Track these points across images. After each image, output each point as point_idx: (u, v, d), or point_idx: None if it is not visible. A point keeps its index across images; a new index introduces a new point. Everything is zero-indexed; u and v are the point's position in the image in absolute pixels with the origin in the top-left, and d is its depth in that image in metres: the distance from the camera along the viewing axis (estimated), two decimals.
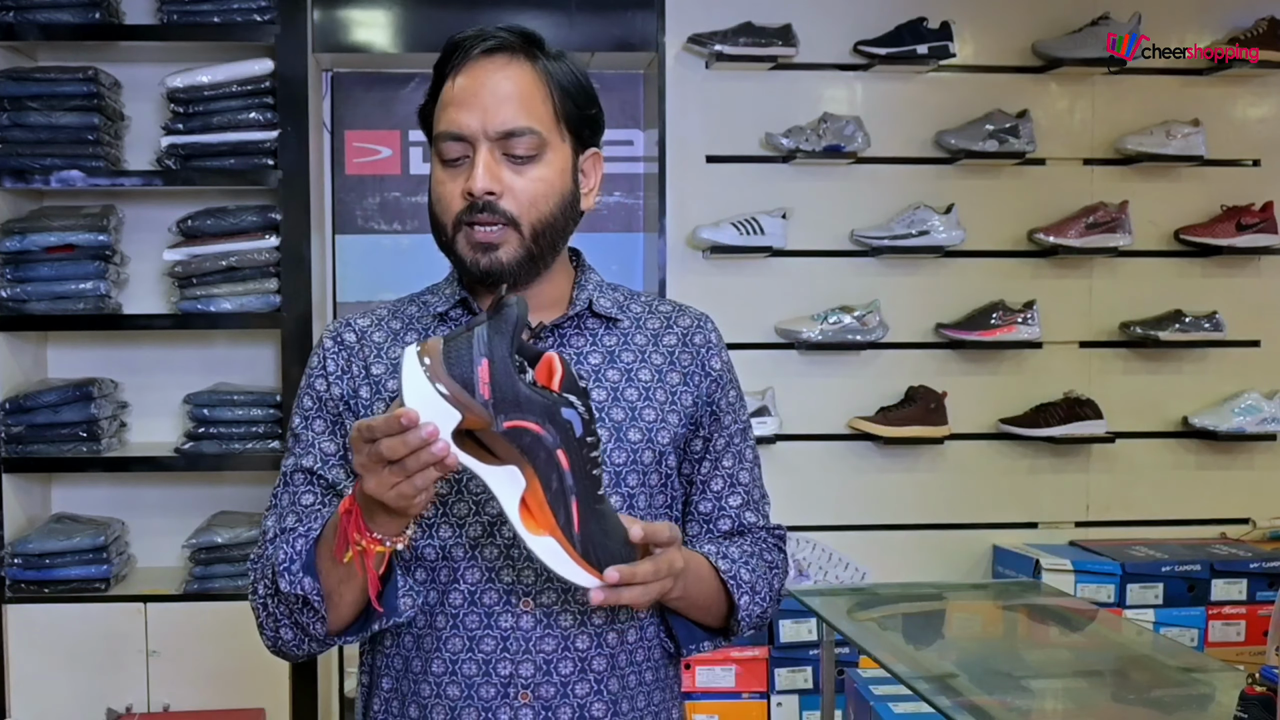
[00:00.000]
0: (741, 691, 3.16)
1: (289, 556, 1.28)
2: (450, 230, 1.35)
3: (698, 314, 1.48)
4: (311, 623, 1.29)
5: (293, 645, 1.34)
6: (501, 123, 1.32)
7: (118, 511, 3.30)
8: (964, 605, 2.95)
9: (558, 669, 1.32)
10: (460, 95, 1.33)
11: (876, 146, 3.38)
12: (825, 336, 3.37)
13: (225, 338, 3.35)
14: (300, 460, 1.38)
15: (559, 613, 1.33)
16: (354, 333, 1.42)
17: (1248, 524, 3.54)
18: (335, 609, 1.29)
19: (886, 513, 3.48)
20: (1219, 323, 3.46)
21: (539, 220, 1.34)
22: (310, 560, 1.27)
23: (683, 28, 3.34)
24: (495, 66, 1.34)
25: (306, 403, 1.41)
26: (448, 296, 1.43)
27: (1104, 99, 3.50)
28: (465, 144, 1.33)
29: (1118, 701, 2.19)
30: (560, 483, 1.16)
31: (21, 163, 3.09)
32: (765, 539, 1.47)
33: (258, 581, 1.34)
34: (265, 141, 3.12)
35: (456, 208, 1.34)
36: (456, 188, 1.34)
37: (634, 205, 3.60)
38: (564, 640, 1.33)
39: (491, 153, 1.32)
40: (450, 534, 1.34)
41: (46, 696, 3.04)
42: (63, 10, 3.08)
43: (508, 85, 1.33)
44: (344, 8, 3.30)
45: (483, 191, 1.31)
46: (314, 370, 1.41)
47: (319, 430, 1.39)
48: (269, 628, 1.34)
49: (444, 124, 1.34)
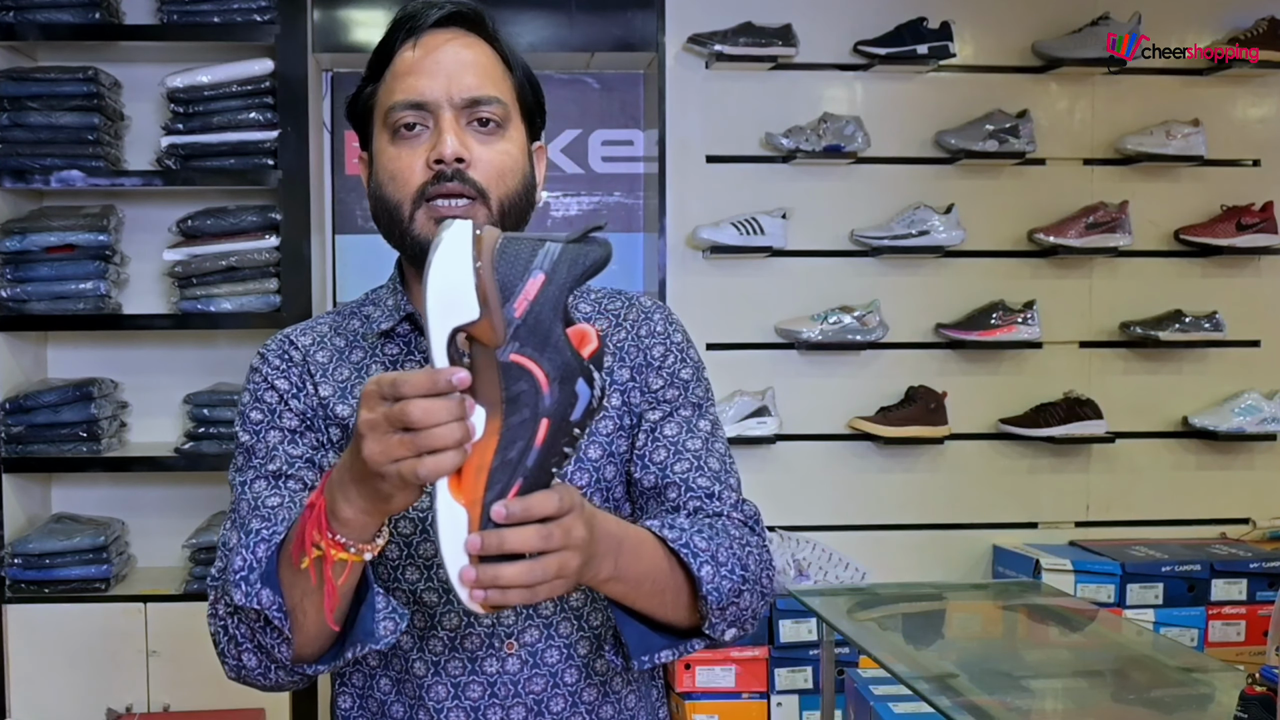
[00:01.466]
0: (741, 691, 3.16)
1: (246, 564, 1.12)
2: (408, 208, 1.23)
3: (648, 306, 1.36)
4: (275, 645, 1.14)
5: (257, 674, 1.18)
6: (467, 89, 1.23)
7: (118, 511, 3.30)
8: (964, 605, 2.95)
9: (549, 708, 1.26)
10: (418, 64, 1.23)
11: (876, 146, 3.38)
12: (825, 336, 3.37)
13: (225, 338, 3.35)
14: (265, 465, 1.24)
15: (544, 650, 1.26)
16: (299, 350, 1.31)
17: (1248, 524, 3.54)
18: (301, 629, 1.12)
19: (886, 513, 3.48)
20: (1219, 323, 3.46)
21: (506, 196, 1.24)
22: (271, 569, 1.11)
23: (683, 28, 3.34)
24: (453, 36, 1.25)
25: (255, 416, 1.27)
26: (390, 310, 1.31)
27: (1104, 99, 3.50)
28: (424, 112, 1.22)
29: (1118, 702, 2.19)
30: (520, 456, 0.96)
31: (21, 163, 3.09)
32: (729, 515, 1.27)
33: (217, 601, 1.18)
34: (265, 141, 3.12)
35: (417, 181, 1.22)
36: (416, 159, 1.22)
37: (634, 205, 3.60)
38: (552, 678, 1.26)
39: (457, 119, 1.22)
40: (418, 576, 1.24)
41: (46, 696, 3.04)
42: (63, 10, 3.08)
43: (469, 54, 1.25)
44: (344, 8, 3.30)
45: (453, 156, 1.20)
46: (258, 387, 1.29)
47: (275, 440, 1.25)
48: (230, 654, 1.18)
49: (400, 93, 1.23)
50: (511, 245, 0.95)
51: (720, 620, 1.20)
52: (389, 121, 1.24)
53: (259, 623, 1.13)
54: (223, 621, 1.17)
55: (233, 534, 1.21)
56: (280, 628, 1.11)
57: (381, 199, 1.26)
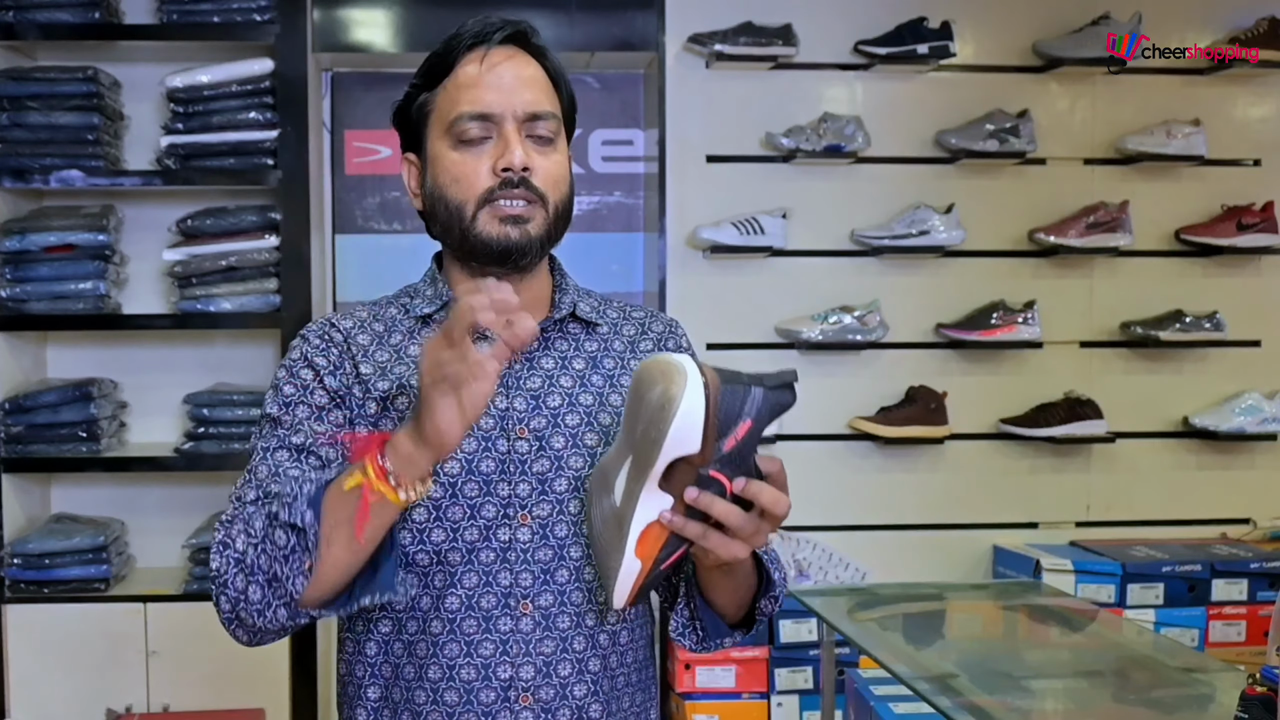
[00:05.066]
0: (742, 692, 3.16)
1: (294, 492, 1.19)
2: (471, 209, 1.34)
3: (669, 320, 1.50)
4: (293, 576, 1.18)
5: (256, 610, 1.21)
6: (527, 104, 1.34)
7: (117, 511, 3.30)
8: (964, 605, 2.95)
9: (557, 671, 1.31)
10: (483, 78, 1.34)
11: (877, 146, 3.38)
12: (825, 336, 3.37)
13: (225, 338, 3.35)
14: (289, 437, 1.30)
15: (556, 614, 1.32)
16: (340, 332, 1.38)
17: (1248, 524, 3.54)
18: (322, 565, 1.18)
19: (886, 513, 3.47)
20: (1219, 323, 3.46)
21: (561, 201, 1.37)
22: (317, 497, 1.19)
23: (683, 28, 3.34)
24: (513, 54, 1.36)
25: (288, 390, 1.34)
26: (430, 298, 1.41)
27: (1104, 99, 3.50)
28: (489, 124, 1.34)
29: (1118, 702, 2.19)
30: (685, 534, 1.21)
31: (21, 162, 3.08)
32: None
33: (234, 536, 1.22)
34: (265, 141, 3.12)
35: (483, 185, 1.33)
36: (482, 165, 1.33)
37: (634, 205, 3.60)
38: (562, 642, 1.32)
39: (519, 131, 1.34)
40: (444, 538, 1.31)
41: (46, 696, 3.04)
42: (63, 10, 3.08)
43: (529, 71, 1.36)
44: (344, 8, 3.30)
45: (521, 165, 1.32)
46: (296, 363, 1.35)
47: (302, 415, 1.32)
48: (234, 585, 1.21)
49: (465, 104, 1.34)
50: (728, 391, 1.15)
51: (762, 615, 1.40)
52: (453, 130, 1.35)
53: (287, 545, 1.18)
54: (239, 554, 1.22)
55: (251, 491, 1.27)
56: (309, 549, 1.18)
57: (444, 199, 1.36)
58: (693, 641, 1.39)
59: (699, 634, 1.38)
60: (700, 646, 1.40)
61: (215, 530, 1.26)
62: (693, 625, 1.38)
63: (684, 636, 1.39)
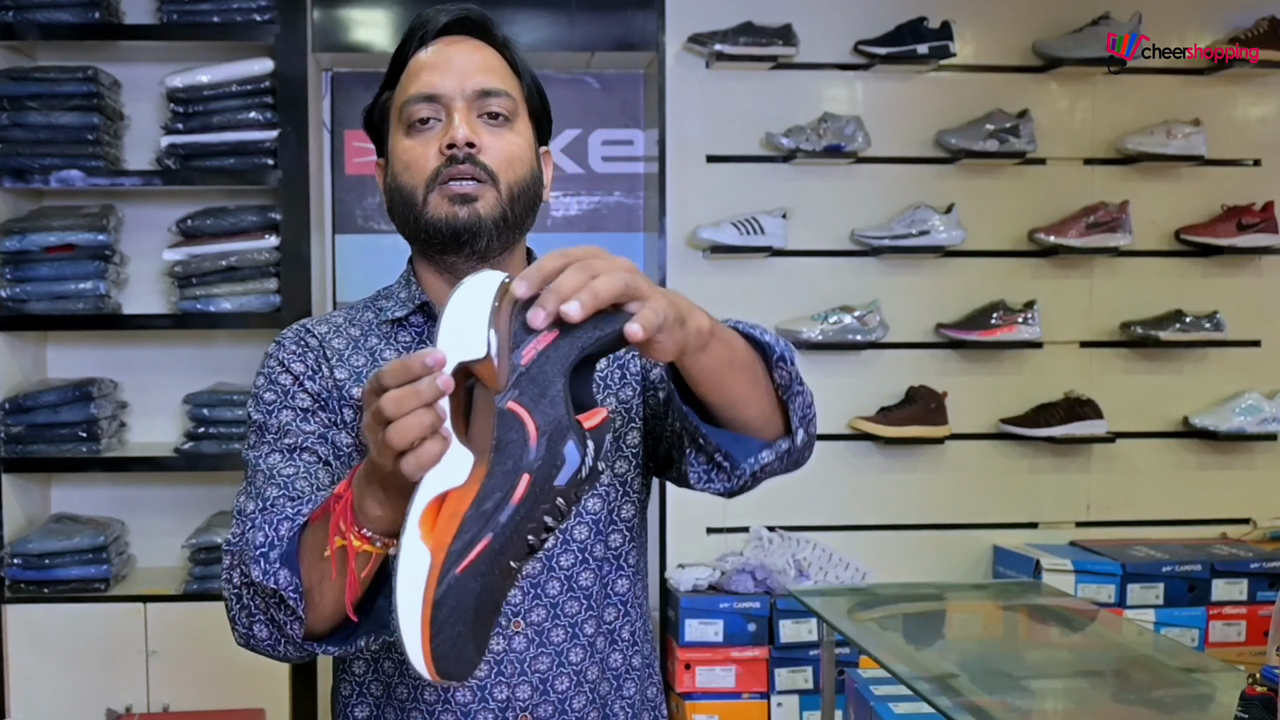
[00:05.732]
0: (741, 692, 3.16)
1: (267, 540, 1.12)
2: (422, 193, 1.28)
3: None
4: (288, 622, 1.14)
5: (267, 645, 1.18)
6: (477, 82, 1.29)
7: (117, 511, 3.30)
8: (964, 605, 2.94)
9: (554, 686, 1.29)
10: (431, 61, 1.31)
11: (877, 146, 3.38)
12: (825, 336, 3.37)
13: (225, 338, 3.35)
14: (279, 440, 1.27)
15: (550, 629, 1.29)
16: (315, 337, 1.34)
17: (1248, 524, 3.54)
18: (316, 609, 1.12)
19: (886, 513, 3.47)
20: (1219, 323, 3.46)
21: (515, 182, 1.29)
22: (292, 550, 1.12)
23: (683, 28, 3.34)
24: (463, 40, 1.33)
25: (269, 397, 1.30)
26: (403, 301, 1.36)
27: (1104, 99, 3.50)
28: (437, 105, 1.29)
29: (1118, 702, 2.19)
30: (494, 509, 0.93)
31: (21, 162, 3.09)
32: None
33: (232, 568, 1.17)
34: (265, 141, 3.12)
35: (430, 166, 1.28)
36: (429, 148, 1.28)
37: (634, 205, 3.60)
38: (557, 656, 1.29)
39: (468, 109, 1.29)
40: None
41: (46, 696, 3.04)
42: (63, 10, 3.08)
43: (480, 55, 1.32)
44: (344, 8, 3.30)
45: (464, 140, 1.26)
46: (274, 370, 1.32)
47: (288, 418, 1.28)
48: (241, 621, 1.18)
49: (414, 88, 1.30)
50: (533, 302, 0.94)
51: (796, 404, 1.19)
52: (404, 117, 1.31)
53: (274, 599, 1.13)
54: (237, 590, 1.17)
55: (249, 502, 1.22)
56: (294, 608, 1.11)
57: (398, 189, 1.31)
58: (722, 481, 1.21)
59: (725, 467, 1.19)
60: (733, 481, 1.21)
61: (226, 550, 1.21)
62: (714, 463, 1.20)
63: (712, 481, 1.21)
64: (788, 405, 1.19)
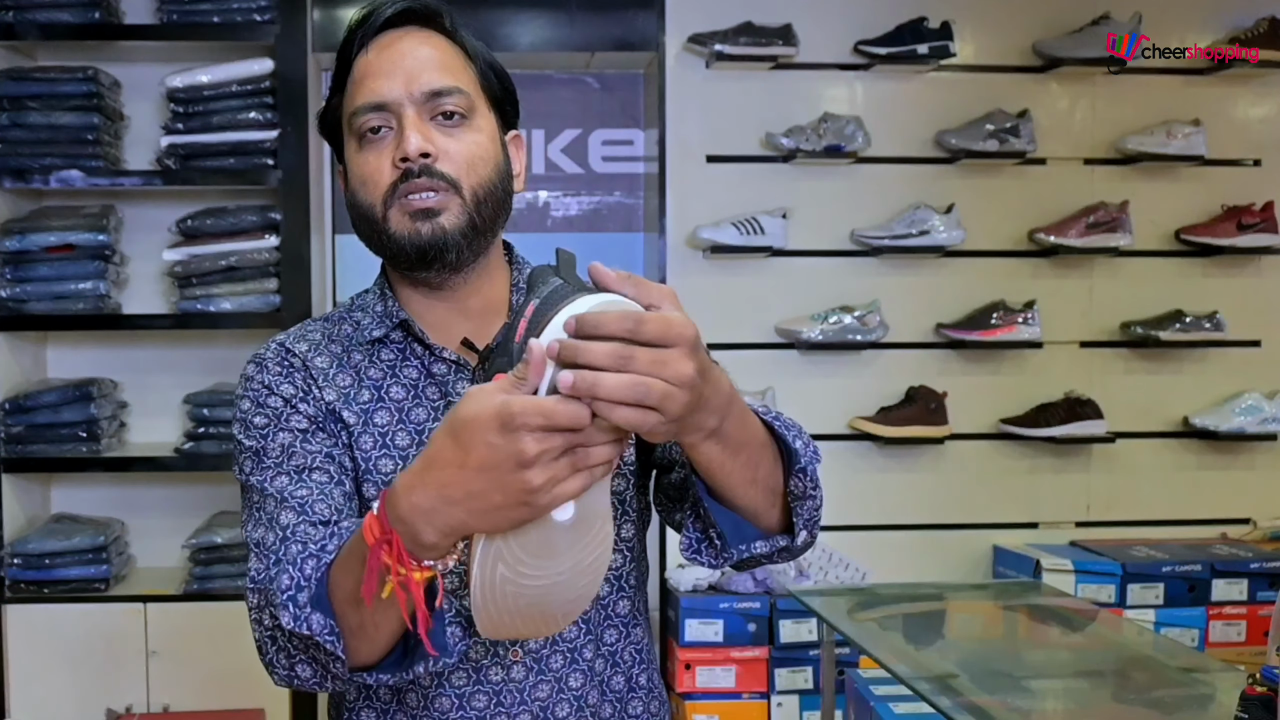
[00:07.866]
0: (741, 692, 3.16)
1: (294, 582, 1.07)
2: (380, 209, 1.21)
3: None
4: (330, 661, 1.08)
5: (313, 683, 1.12)
6: (426, 82, 1.21)
7: (118, 511, 3.30)
8: (964, 605, 2.94)
9: (554, 713, 1.26)
10: (375, 66, 1.22)
11: (877, 146, 3.38)
12: (825, 336, 3.37)
13: (225, 338, 3.34)
14: (284, 463, 1.20)
15: (549, 656, 1.25)
16: (297, 357, 1.27)
17: (1248, 524, 3.54)
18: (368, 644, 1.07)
19: (887, 513, 3.47)
20: (1220, 323, 3.46)
21: (479, 185, 1.22)
22: (321, 592, 1.06)
23: (683, 28, 3.34)
24: (406, 33, 1.24)
25: (259, 421, 1.23)
26: (380, 317, 1.28)
27: (1104, 99, 3.50)
28: (386, 113, 1.21)
29: (1118, 702, 2.19)
30: None
31: (21, 163, 3.08)
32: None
33: (261, 609, 1.11)
34: (265, 141, 3.12)
35: (386, 181, 1.20)
36: (383, 161, 1.21)
37: (634, 205, 3.60)
38: (557, 683, 1.26)
39: (419, 115, 1.21)
40: None
41: (46, 696, 3.04)
42: (63, 10, 3.08)
43: (425, 50, 1.23)
44: (344, 7, 3.30)
45: (417, 152, 1.18)
46: (260, 392, 1.25)
47: (286, 440, 1.21)
48: (281, 664, 1.12)
49: (360, 97, 1.22)
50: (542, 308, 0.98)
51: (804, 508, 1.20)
52: (354, 128, 1.24)
53: (311, 642, 1.08)
54: (270, 633, 1.11)
55: (266, 532, 1.16)
56: (333, 650, 1.06)
57: (356, 205, 1.25)
58: (709, 557, 1.19)
59: (718, 545, 1.18)
60: (719, 561, 1.19)
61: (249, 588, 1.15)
62: (707, 537, 1.19)
63: (699, 554, 1.19)
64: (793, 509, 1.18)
